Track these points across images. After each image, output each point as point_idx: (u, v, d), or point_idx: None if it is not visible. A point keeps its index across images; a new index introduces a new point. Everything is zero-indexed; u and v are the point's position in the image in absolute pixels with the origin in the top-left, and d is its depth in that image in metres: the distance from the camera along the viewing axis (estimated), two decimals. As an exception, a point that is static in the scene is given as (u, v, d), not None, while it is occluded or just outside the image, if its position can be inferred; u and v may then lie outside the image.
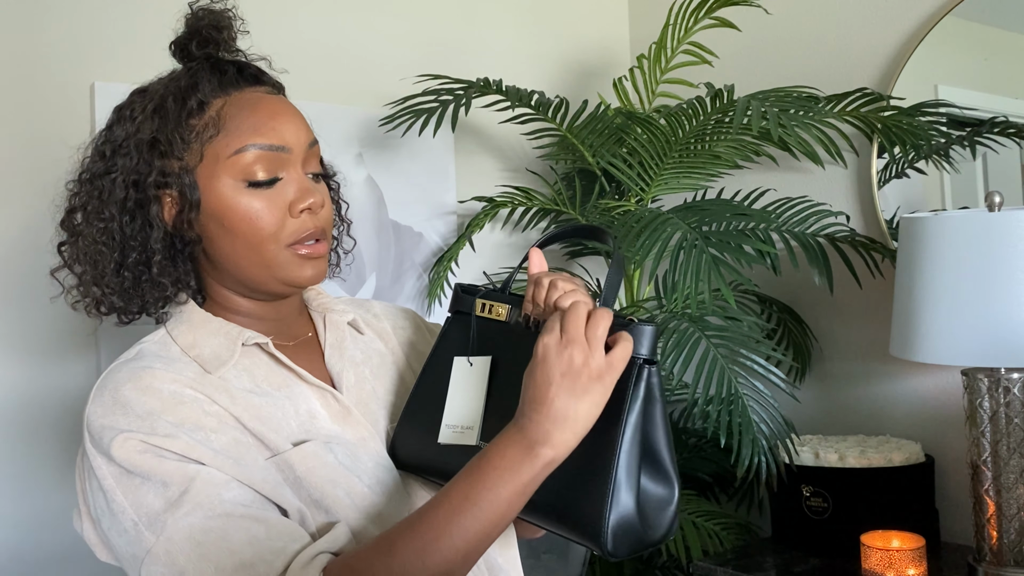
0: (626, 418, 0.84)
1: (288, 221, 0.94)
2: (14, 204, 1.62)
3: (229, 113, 0.94)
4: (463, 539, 0.81)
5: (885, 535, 1.59)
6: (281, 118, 0.95)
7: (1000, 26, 1.84)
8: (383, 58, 2.05)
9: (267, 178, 0.93)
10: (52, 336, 1.65)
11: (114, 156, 0.96)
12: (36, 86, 1.64)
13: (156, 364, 0.92)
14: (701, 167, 1.92)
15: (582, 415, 0.81)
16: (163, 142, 0.94)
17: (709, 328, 1.68)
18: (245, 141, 0.93)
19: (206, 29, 0.99)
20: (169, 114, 0.94)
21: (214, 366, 0.94)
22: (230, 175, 0.93)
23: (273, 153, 0.94)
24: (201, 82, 0.96)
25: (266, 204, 0.93)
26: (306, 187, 0.95)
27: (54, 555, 1.63)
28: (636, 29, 2.48)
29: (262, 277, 0.96)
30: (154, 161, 0.94)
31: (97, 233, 0.95)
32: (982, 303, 1.43)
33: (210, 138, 0.93)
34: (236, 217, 0.93)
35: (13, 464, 1.60)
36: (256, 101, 0.96)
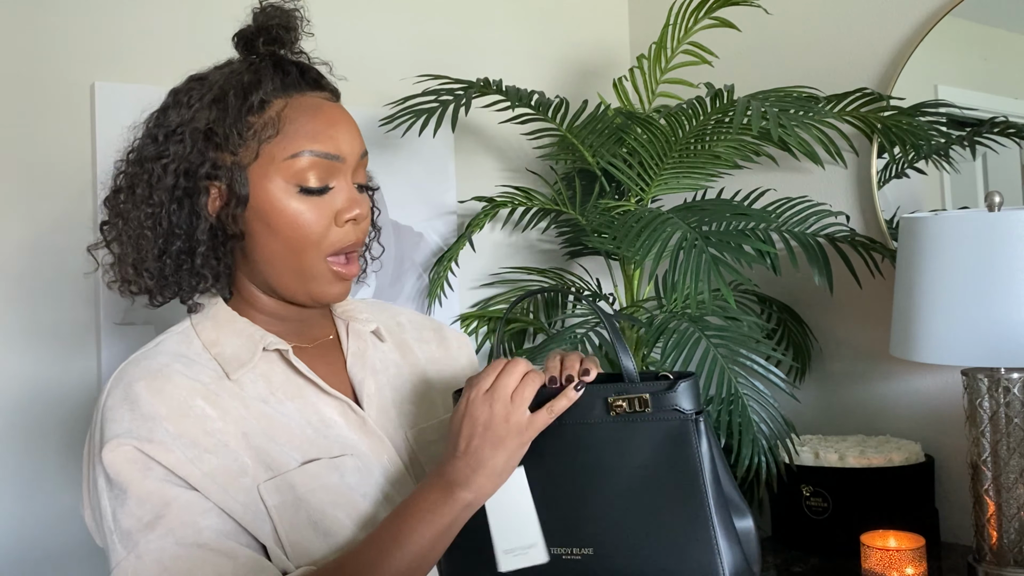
0: (703, 477, 0.87)
1: (332, 230, 0.95)
2: (14, 204, 1.62)
3: (289, 116, 0.94)
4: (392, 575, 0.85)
5: (885, 535, 1.59)
6: (339, 127, 0.96)
7: (1000, 26, 1.84)
8: (383, 58, 2.05)
9: (319, 186, 0.94)
10: (53, 336, 1.65)
11: (167, 141, 0.95)
12: (36, 86, 1.64)
13: (175, 364, 0.94)
14: (701, 167, 1.92)
15: (499, 464, 0.86)
16: (219, 134, 0.94)
17: (709, 328, 1.68)
18: (302, 146, 0.93)
19: (276, 28, 0.99)
20: (229, 107, 0.94)
21: (233, 367, 0.95)
22: (283, 177, 0.93)
23: (328, 161, 0.94)
24: (264, 80, 0.95)
25: (314, 210, 0.94)
26: (354, 198, 0.96)
27: (55, 555, 1.63)
28: (636, 29, 2.48)
29: (293, 285, 0.96)
30: (208, 152, 0.94)
31: (144, 217, 0.95)
32: (982, 303, 1.43)
33: (268, 138, 0.93)
34: (283, 219, 0.94)
35: (13, 464, 1.60)
36: (316, 107, 0.96)
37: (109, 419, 0.89)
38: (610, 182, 2.03)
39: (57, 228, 1.66)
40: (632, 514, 0.88)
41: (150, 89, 1.72)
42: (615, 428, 0.88)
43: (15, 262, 1.62)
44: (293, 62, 0.99)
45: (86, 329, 1.68)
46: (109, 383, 0.94)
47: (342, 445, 0.97)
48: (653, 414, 0.87)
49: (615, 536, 0.88)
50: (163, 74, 1.76)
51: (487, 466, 0.86)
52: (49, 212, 1.65)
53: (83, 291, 1.67)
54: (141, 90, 1.72)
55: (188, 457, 0.87)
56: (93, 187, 1.68)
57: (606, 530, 0.88)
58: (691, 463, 0.87)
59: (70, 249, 1.67)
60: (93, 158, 1.68)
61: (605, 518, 0.88)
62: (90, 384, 1.68)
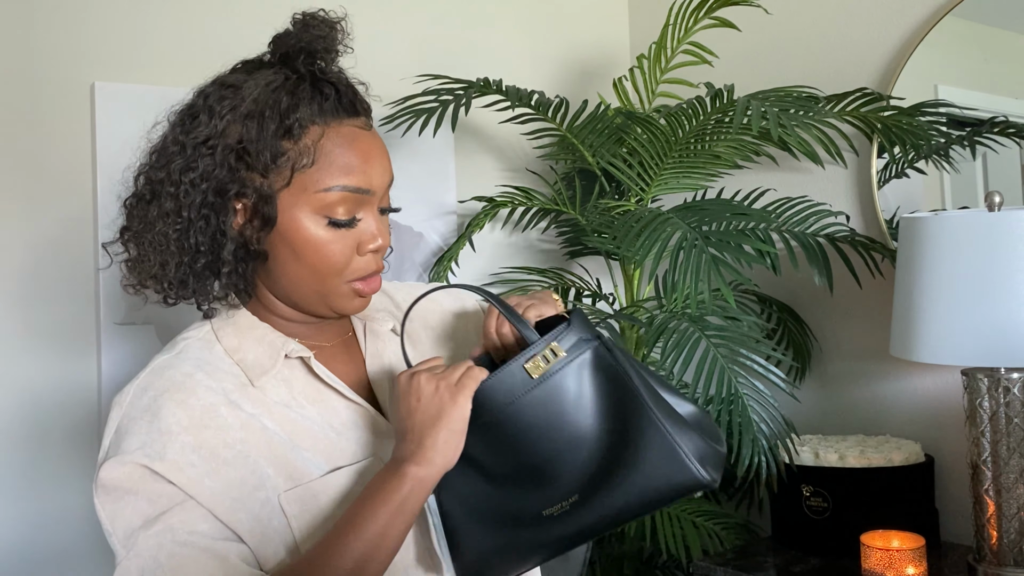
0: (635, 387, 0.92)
1: (355, 259, 0.96)
2: (14, 204, 1.62)
3: (325, 147, 0.92)
4: (352, 559, 0.86)
5: (885, 535, 1.59)
6: (373, 161, 0.95)
7: (1000, 26, 1.84)
8: (383, 58, 2.05)
9: (347, 218, 0.94)
10: (53, 336, 1.65)
11: (196, 153, 0.92)
12: (36, 86, 1.64)
13: (199, 374, 0.93)
14: (701, 167, 1.92)
15: (441, 432, 0.89)
16: (251, 154, 0.91)
17: (709, 328, 1.68)
18: (336, 181, 0.92)
19: (321, 50, 0.97)
20: (264, 128, 0.91)
21: (256, 374, 0.95)
22: (312, 208, 0.92)
23: (359, 195, 0.94)
24: (302, 104, 0.93)
25: (339, 241, 0.94)
26: (379, 229, 0.96)
27: (55, 555, 1.63)
28: (636, 29, 2.48)
29: (313, 302, 0.97)
30: (239, 171, 0.92)
31: (171, 232, 0.93)
32: (982, 303, 1.43)
33: (303, 167, 0.92)
34: (308, 248, 0.93)
35: (14, 464, 1.60)
36: (353, 138, 0.94)
37: (127, 430, 0.90)
38: (610, 182, 2.03)
39: (57, 228, 1.66)
40: (595, 449, 0.92)
41: (150, 89, 1.73)
42: (545, 386, 0.93)
43: (15, 262, 1.62)
44: (332, 83, 0.96)
45: (86, 329, 1.68)
46: (131, 390, 0.93)
47: (363, 450, 0.98)
48: (567, 356, 0.93)
49: (589, 475, 0.92)
50: (163, 74, 1.76)
51: (428, 436, 0.88)
52: (49, 212, 1.65)
53: (83, 291, 1.67)
54: (141, 90, 1.72)
55: (202, 472, 0.88)
56: (93, 187, 1.68)
57: (580, 474, 0.92)
58: (620, 380, 0.92)
59: (70, 249, 1.67)
60: (93, 158, 1.68)
61: (575, 464, 0.93)
62: (90, 384, 1.68)
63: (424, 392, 0.89)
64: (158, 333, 1.72)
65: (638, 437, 0.90)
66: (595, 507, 0.92)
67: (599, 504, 0.91)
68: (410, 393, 0.90)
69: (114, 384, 1.68)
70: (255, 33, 1.96)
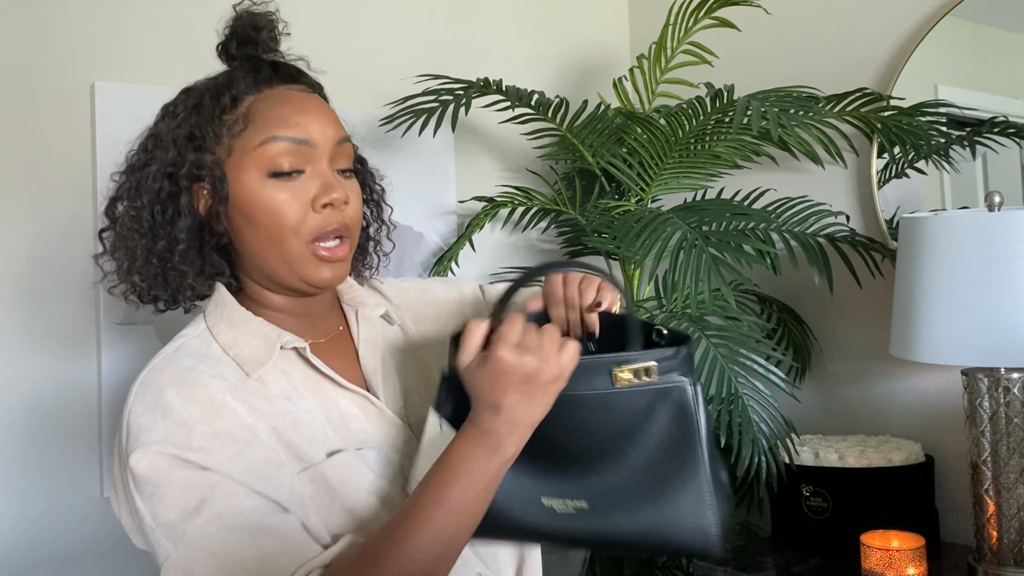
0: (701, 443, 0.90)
1: (310, 216, 0.95)
2: (14, 204, 1.62)
3: (258, 108, 0.96)
4: (439, 541, 0.84)
5: (885, 535, 1.59)
6: (308, 113, 0.96)
7: (1000, 26, 1.84)
8: (383, 58, 2.05)
9: (289, 169, 0.94)
10: (53, 337, 1.65)
11: (155, 149, 0.98)
12: (36, 86, 1.64)
13: (200, 366, 0.94)
14: (701, 167, 1.92)
15: (534, 419, 0.84)
16: (198, 136, 0.95)
17: (709, 328, 1.68)
18: (270, 133, 0.94)
19: (243, 29, 1.01)
20: (204, 110, 0.96)
21: (252, 367, 0.95)
22: (255, 167, 0.94)
23: (297, 146, 0.94)
24: (236, 80, 0.98)
25: (289, 197, 0.94)
26: (330, 182, 0.96)
27: (55, 555, 1.63)
28: (636, 29, 2.48)
29: (283, 273, 0.97)
30: (188, 154, 0.96)
31: (131, 221, 0.97)
32: (982, 303, 1.43)
33: (239, 132, 0.95)
34: (259, 209, 0.94)
35: (14, 464, 1.60)
36: (285, 96, 0.97)
37: (140, 427, 0.89)
38: (610, 182, 2.03)
39: (57, 228, 1.66)
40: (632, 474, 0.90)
41: (150, 89, 1.72)
42: (618, 394, 0.88)
43: (15, 262, 1.62)
44: (267, 60, 1.00)
45: (86, 329, 1.68)
46: (135, 390, 0.93)
47: (363, 438, 0.98)
48: (656, 383, 0.88)
49: (613, 493, 0.90)
50: (163, 74, 1.76)
51: (523, 422, 0.84)
52: (49, 212, 1.65)
53: (83, 291, 1.67)
54: (141, 90, 1.72)
55: (228, 455, 0.88)
56: (93, 187, 1.68)
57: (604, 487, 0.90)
58: (690, 429, 0.89)
59: (70, 249, 1.67)
60: (93, 158, 1.68)
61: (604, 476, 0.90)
62: (90, 385, 1.68)
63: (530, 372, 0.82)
64: (158, 333, 1.72)
65: (679, 485, 0.89)
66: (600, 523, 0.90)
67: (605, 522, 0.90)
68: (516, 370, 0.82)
69: (114, 384, 1.68)
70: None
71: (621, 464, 0.89)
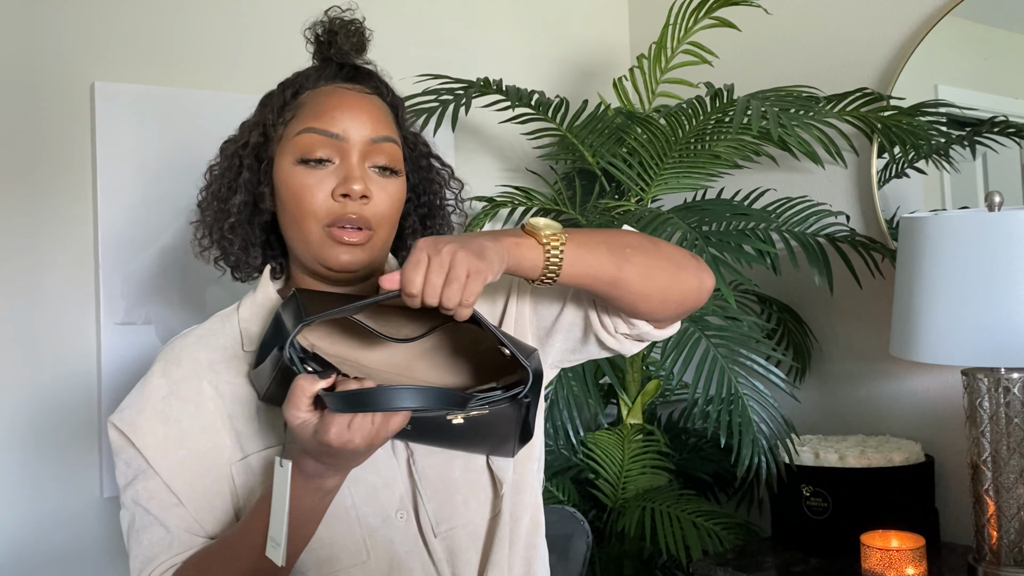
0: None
1: (329, 203, 1.00)
2: (14, 204, 1.62)
3: (307, 101, 1.04)
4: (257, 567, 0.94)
5: (885, 535, 1.59)
6: (345, 110, 1.03)
7: (1000, 26, 1.84)
8: (383, 58, 2.05)
9: (318, 157, 1.01)
10: (53, 337, 1.65)
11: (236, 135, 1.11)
12: (36, 86, 1.64)
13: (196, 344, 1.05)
14: (701, 167, 1.92)
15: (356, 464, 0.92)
16: (262, 123, 1.06)
17: (709, 328, 1.68)
18: (307, 124, 1.02)
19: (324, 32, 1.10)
20: (273, 100, 1.07)
21: (250, 343, 1.04)
22: (291, 153, 1.02)
23: (327, 139, 1.01)
24: (305, 76, 1.07)
25: (314, 183, 1.00)
26: (352, 175, 1.00)
27: (55, 556, 1.63)
28: (636, 29, 2.48)
29: (307, 255, 1.03)
30: (252, 139, 1.06)
31: (205, 194, 1.09)
32: (982, 303, 1.43)
33: (289, 121, 1.04)
34: (288, 191, 1.02)
35: (14, 465, 1.60)
36: (332, 92, 1.05)
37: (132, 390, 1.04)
38: (610, 182, 2.03)
39: (57, 228, 1.66)
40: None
41: (150, 89, 1.73)
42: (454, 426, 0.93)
43: (15, 261, 1.62)
44: (335, 61, 1.08)
45: (86, 329, 1.68)
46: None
47: None
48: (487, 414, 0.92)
49: None
50: (163, 74, 1.76)
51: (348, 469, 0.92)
52: (49, 212, 1.65)
53: (83, 291, 1.67)
54: (141, 90, 1.72)
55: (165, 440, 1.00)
56: (93, 187, 1.68)
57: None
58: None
59: (70, 249, 1.67)
60: (93, 158, 1.68)
61: None
62: (90, 384, 1.68)
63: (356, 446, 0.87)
64: (158, 333, 1.72)
65: None
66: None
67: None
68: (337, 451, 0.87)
69: (114, 384, 1.68)
70: (255, 32, 1.96)
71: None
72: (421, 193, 1.16)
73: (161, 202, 1.73)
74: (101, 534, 1.68)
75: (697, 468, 2.07)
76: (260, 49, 1.88)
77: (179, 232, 1.75)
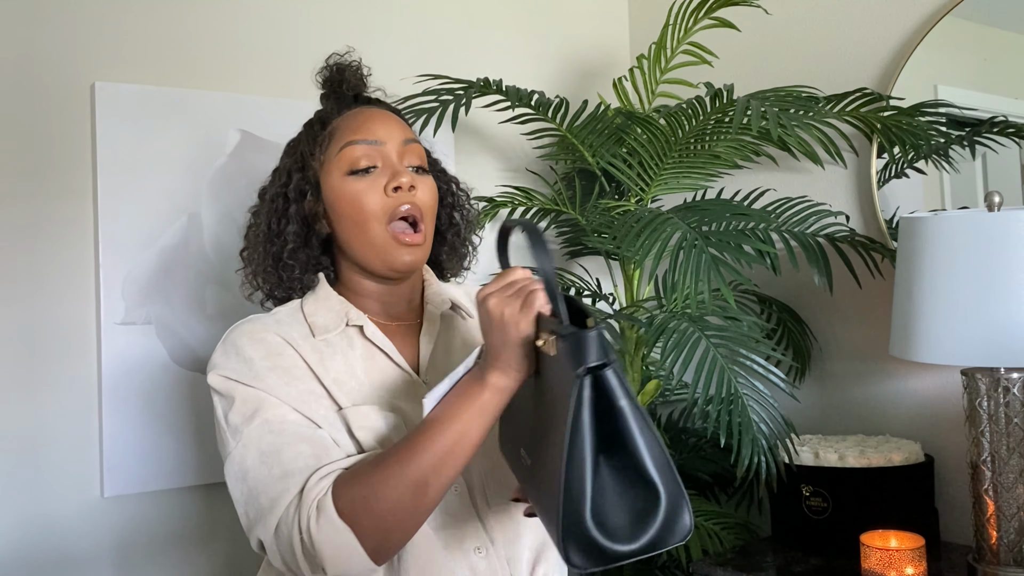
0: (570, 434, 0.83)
1: (384, 200, 1.13)
2: (14, 203, 1.62)
3: (338, 125, 1.18)
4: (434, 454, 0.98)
5: (885, 535, 1.59)
6: (375, 119, 1.18)
7: (1000, 26, 1.84)
8: (383, 58, 2.05)
9: (365, 166, 1.14)
10: (53, 337, 1.65)
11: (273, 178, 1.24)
12: (36, 86, 1.64)
13: (273, 327, 1.14)
14: (701, 167, 1.92)
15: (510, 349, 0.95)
16: (300, 159, 1.20)
17: (709, 328, 1.68)
18: (347, 139, 1.16)
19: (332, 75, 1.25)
20: (304, 138, 1.22)
21: (320, 331, 1.15)
22: (338, 169, 1.15)
23: (369, 146, 1.15)
24: (326, 111, 1.22)
25: (366, 187, 1.13)
26: (398, 170, 1.14)
27: (55, 557, 1.63)
28: (636, 29, 2.48)
29: (370, 257, 1.15)
30: (294, 175, 1.20)
31: (254, 235, 1.22)
32: (982, 303, 1.43)
33: (326, 146, 1.17)
34: (344, 202, 1.14)
35: (14, 465, 1.60)
36: (359, 111, 1.19)
37: (215, 362, 1.12)
38: (610, 182, 2.03)
39: (57, 227, 1.66)
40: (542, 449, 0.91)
41: (150, 89, 1.73)
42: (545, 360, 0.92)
43: (15, 262, 1.62)
44: (349, 93, 1.23)
45: (86, 329, 1.68)
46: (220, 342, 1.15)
47: (391, 405, 1.12)
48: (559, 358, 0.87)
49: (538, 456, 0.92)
50: (163, 74, 1.76)
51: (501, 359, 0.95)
52: (49, 212, 1.65)
53: (83, 291, 1.67)
54: (141, 90, 1.72)
55: (280, 382, 1.09)
56: (93, 187, 1.68)
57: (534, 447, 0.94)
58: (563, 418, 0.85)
59: (70, 249, 1.67)
60: (93, 158, 1.68)
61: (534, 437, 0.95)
62: (90, 384, 1.68)
63: (494, 316, 0.95)
64: (158, 333, 1.72)
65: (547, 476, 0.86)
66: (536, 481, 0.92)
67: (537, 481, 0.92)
68: (484, 315, 0.97)
69: (114, 384, 1.68)
70: (255, 33, 1.96)
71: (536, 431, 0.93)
72: (446, 194, 1.28)
73: (161, 202, 1.73)
74: (101, 534, 1.68)
75: (697, 468, 2.07)
76: (260, 49, 1.88)
77: (179, 232, 1.75)
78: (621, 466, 0.86)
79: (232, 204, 1.79)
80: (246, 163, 1.81)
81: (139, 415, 1.70)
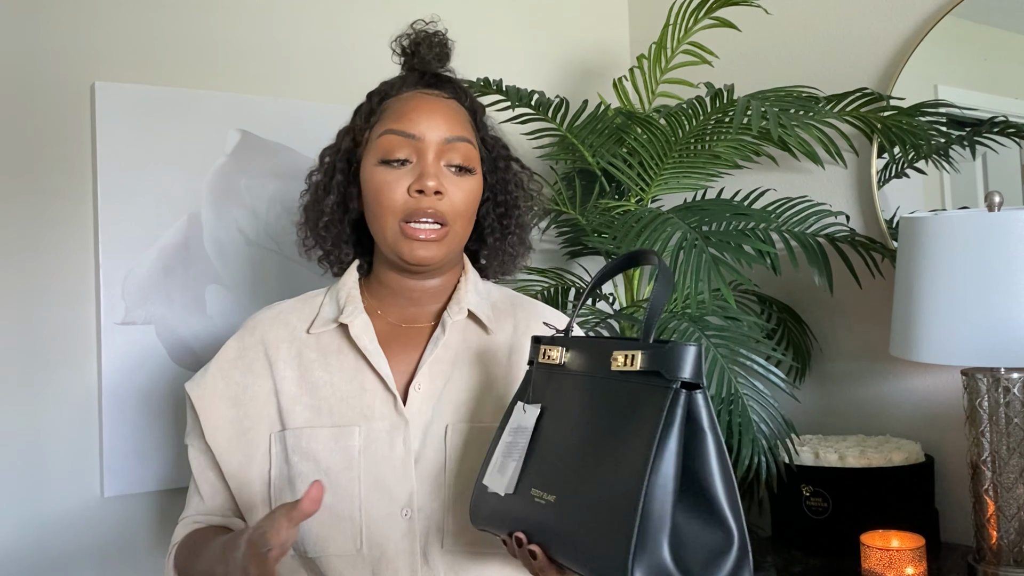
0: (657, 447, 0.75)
1: (406, 199, 1.08)
2: (14, 203, 1.62)
3: (389, 107, 1.14)
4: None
5: (885, 535, 1.59)
6: (422, 112, 1.11)
7: (1000, 26, 1.84)
8: (383, 58, 2.04)
9: (395, 159, 1.09)
10: (53, 337, 1.65)
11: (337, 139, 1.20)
12: (36, 86, 1.64)
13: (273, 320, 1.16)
14: (701, 167, 1.92)
15: None
16: (352, 130, 1.17)
17: (709, 328, 1.68)
18: (387, 127, 1.11)
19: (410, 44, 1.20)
20: (362, 109, 1.18)
21: (318, 325, 1.14)
22: (374, 154, 1.11)
23: (405, 139, 1.10)
24: (391, 85, 1.17)
25: (393, 181, 1.09)
26: (428, 172, 1.08)
27: (56, 556, 1.63)
28: (636, 29, 2.48)
29: (386, 249, 1.11)
30: (344, 145, 1.17)
31: (307, 199, 1.20)
32: (982, 303, 1.43)
33: (372, 126, 1.14)
34: (370, 189, 1.11)
35: (14, 465, 1.60)
36: (412, 97, 1.14)
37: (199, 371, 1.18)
38: (610, 182, 2.03)
39: (57, 228, 1.66)
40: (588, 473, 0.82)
41: (150, 89, 1.73)
42: (611, 382, 0.83)
43: (15, 262, 1.62)
44: (418, 69, 1.18)
45: (86, 329, 1.68)
46: None
47: (362, 416, 1.09)
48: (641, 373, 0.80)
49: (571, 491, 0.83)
50: (163, 74, 1.76)
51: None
52: (49, 212, 1.65)
53: (83, 291, 1.67)
54: (141, 90, 1.72)
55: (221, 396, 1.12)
56: (93, 187, 1.68)
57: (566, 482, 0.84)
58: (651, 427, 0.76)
59: (70, 249, 1.67)
60: (93, 158, 1.68)
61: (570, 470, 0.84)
62: (90, 384, 1.68)
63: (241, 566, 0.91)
64: (158, 333, 1.72)
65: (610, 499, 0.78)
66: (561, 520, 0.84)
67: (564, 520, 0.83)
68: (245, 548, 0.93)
69: (114, 384, 1.68)
70: (255, 33, 1.96)
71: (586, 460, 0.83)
72: (498, 192, 1.21)
73: (161, 202, 1.73)
74: (101, 534, 1.68)
75: (697, 468, 2.07)
76: (260, 49, 1.88)
77: (179, 232, 1.75)
78: (694, 499, 0.79)
79: (232, 204, 1.79)
80: (246, 163, 1.81)
81: (139, 415, 1.70)
